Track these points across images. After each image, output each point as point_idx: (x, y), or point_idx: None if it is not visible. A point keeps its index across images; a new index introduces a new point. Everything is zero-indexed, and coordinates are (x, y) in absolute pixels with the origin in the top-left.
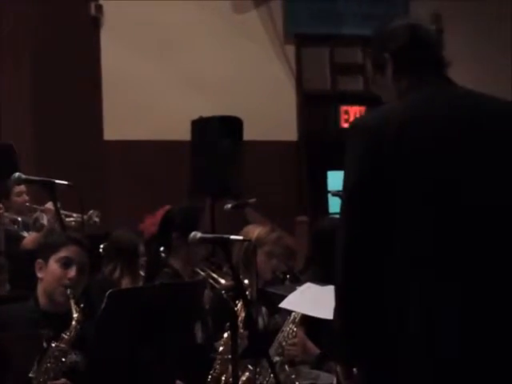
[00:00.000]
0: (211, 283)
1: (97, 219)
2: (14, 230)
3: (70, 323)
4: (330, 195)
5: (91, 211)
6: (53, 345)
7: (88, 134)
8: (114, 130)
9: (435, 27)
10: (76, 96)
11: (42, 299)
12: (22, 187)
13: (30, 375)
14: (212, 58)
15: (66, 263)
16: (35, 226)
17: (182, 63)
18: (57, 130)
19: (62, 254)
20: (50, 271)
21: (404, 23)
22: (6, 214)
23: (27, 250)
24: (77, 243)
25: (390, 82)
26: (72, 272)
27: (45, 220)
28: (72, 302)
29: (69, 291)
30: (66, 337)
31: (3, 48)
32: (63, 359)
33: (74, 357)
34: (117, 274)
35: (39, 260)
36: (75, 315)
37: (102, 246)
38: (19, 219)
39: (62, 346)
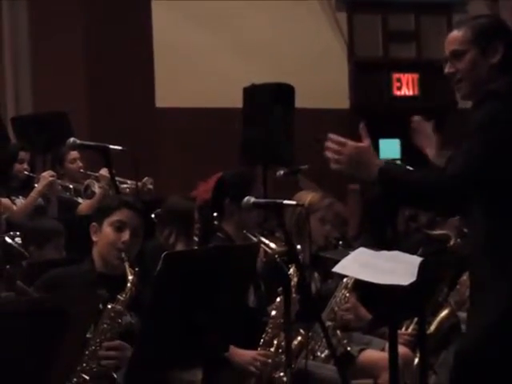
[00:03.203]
0: (264, 248)
1: (151, 186)
2: (69, 197)
3: (125, 285)
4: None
5: (145, 178)
6: (109, 306)
7: (140, 101)
8: (165, 97)
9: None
10: (129, 63)
11: (97, 261)
12: (76, 154)
13: (88, 335)
14: (264, 25)
15: (119, 227)
16: (86, 193)
17: (233, 30)
18: (110, 97)
19: (115, 217)
20: (104, 235)
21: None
22: (59, 181)
23: (82, 215)
24: (130, 207)
25: (487, 63)
26: (126, 236)
27: (96, 187)
28: (126, 265)
29: (123, 254)
30: (122, 298)
31: (56, 20)
32: (119, 320)
33: (129, 318)
34: (172, 239)
35: (93, 223)
36: (130, 277)
37: (155, 212)
38: (71, 186)
39: (118, 307)
